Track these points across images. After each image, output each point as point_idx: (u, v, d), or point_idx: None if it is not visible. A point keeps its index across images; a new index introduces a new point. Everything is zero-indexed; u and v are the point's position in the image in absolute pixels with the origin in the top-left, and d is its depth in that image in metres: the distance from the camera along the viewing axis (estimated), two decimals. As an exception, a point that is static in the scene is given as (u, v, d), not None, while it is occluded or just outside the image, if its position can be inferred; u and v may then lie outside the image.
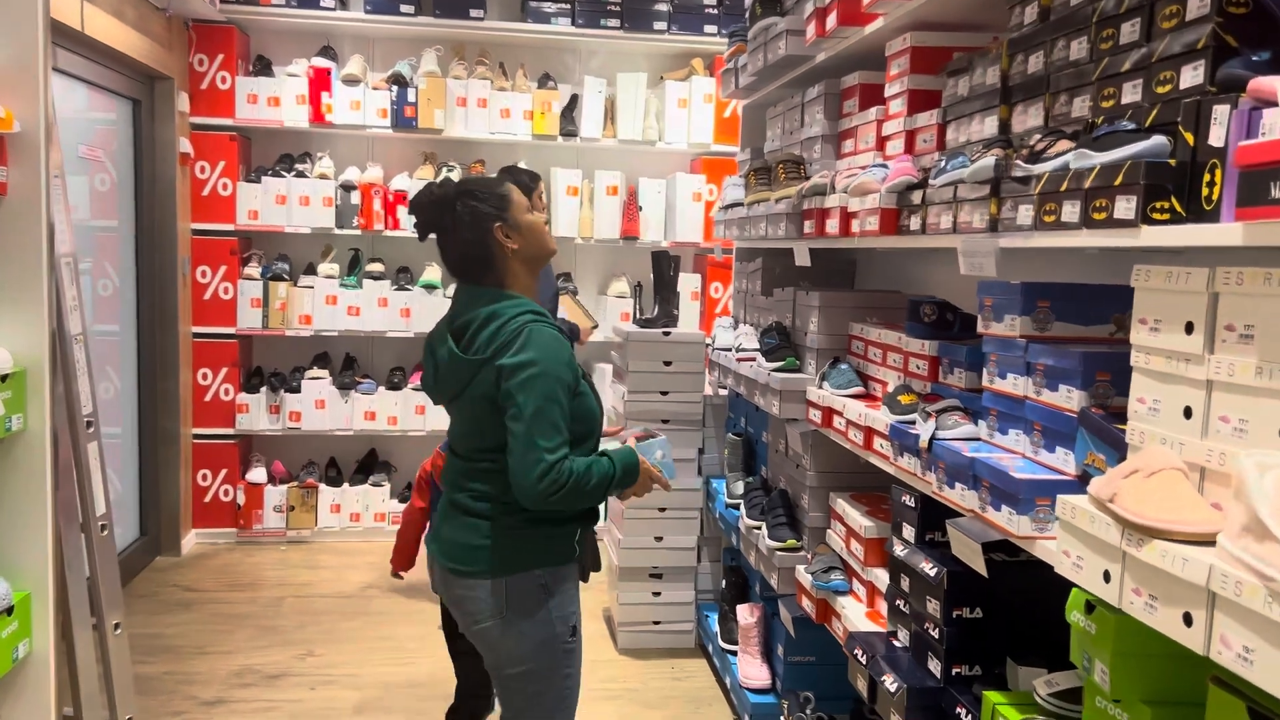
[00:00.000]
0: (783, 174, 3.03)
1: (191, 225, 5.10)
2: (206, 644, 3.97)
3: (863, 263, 3.55)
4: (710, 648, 3.81)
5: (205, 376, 5.20)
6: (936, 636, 2.11)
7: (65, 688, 2.56)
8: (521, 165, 4.90)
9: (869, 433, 2.46)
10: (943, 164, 2.13)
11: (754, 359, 3.36)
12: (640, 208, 5.44)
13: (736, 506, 3.51)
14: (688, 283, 5.35)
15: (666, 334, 3.91)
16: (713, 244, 5.35)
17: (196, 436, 5.20)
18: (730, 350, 3.64)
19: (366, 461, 5.54)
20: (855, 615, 2.56)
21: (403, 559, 3.25)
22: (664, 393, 3.91)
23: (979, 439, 2.05)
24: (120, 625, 2.75)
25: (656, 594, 3.99)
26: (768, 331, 3.18)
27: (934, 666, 2.13)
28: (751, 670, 3.32)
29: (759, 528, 3.18)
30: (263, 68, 5.25)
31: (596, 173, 5.42)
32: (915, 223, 2.24)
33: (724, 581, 3.78)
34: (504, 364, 1.97)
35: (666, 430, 3.90)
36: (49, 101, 2.36)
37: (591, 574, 2.25)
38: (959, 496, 1.94)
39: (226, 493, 5.26)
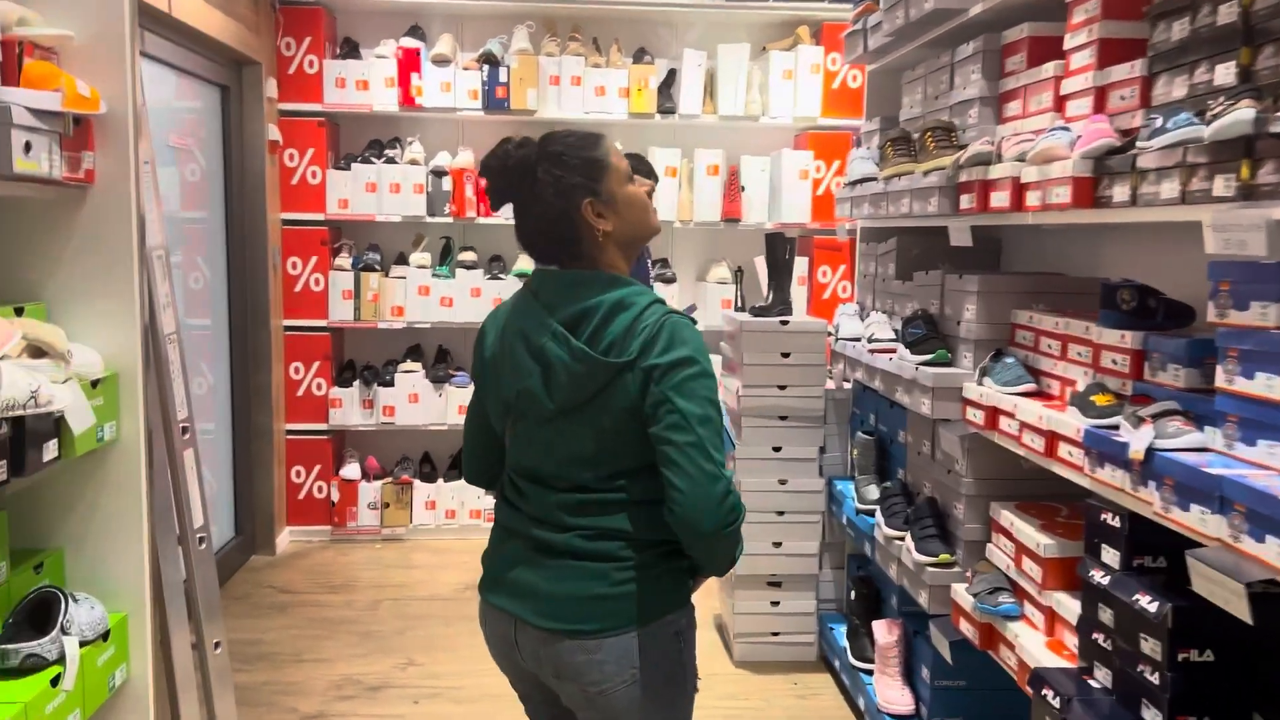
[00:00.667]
0: (931, 143, 2.70)
1: (281, 215, 4.95)
2: (304, 651, 3.82)
3: (1010, 242, 3.19)
4: (837, 664, 3.51)
5: (297, 370, 5.07)
6: (1156, 682, 1.78)
7: (164, 711, 2.38)
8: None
9: (1052, 438, 2.14)
10: (1158, 122, 1.79)
11: (892, 351, 3.05)
12: (743, 187, 5.13)
13: (870, 513, 3.20)
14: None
15: (784, 323, 3.61)
16: (831, 223, 5.03)
17: (289, 432, 5.07)
18: (859, 341, 3.33)
19: (461, 456, 5.36)
20: (1032, 645, 2.24)
21: None
22: (782, 387, 3.62)
23: (1212, 450, 1.72)
24: (221, 643, 2.57)
25: (775, 603, 3.71)
26: (911, 320, 2.86)
27: (1151, 716, 1.80)
28: (892, 694, 3.01)
29: (901, 538, 2.87)
30: (350, 50, 5.07)
31: (696, 151, 5.13)
32: (1121, 193, 1.90)
33: (851, 592, 3.47)
34: (655, 363, 1.59)
35: (784, 427, 3.61)
36: (138, 82, 2.16)
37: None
38: (1197, 521, 1.61)
39: (320, 489, 5.13)
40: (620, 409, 1.63)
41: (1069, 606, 2.17)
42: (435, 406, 5.09)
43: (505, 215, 4.85)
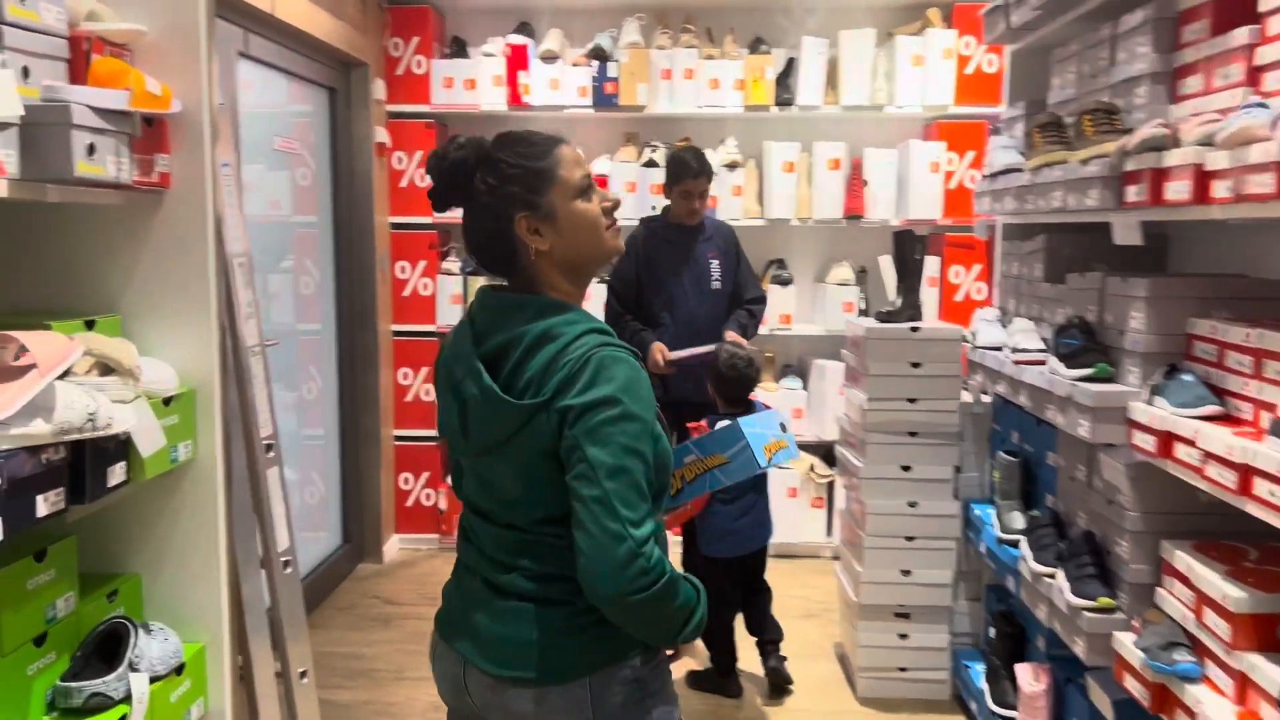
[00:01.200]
0: (1090, 127, 2.36)
1: (390, 219, 4.88)
2: (405, 668, 3.70)
3: (1181, 240, 2.80)
4: (975, 706, 3.18)
5: (406, 376, 4.99)
6: (1397, 786, 1.44)
7: (247, 745, 2.26)
8: (682, 144, 4.38)
9: (1247, 472, 1.79)
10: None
11: (1041, 362, 2.70)
12: (866, 182, 4.80)
13: (1014, 544, 2.86)
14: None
15: (915, 329, 3.30)
16: (965, 219, 4.66)
17: (397, 438, 4.99)
18: (1001, 350, 2.99)
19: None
20: (1219, 715, 1.89)
21: None
22: (912, 400, 3.30)
23: None
24: (307, 672, 2.43)
25: (903, 636, 3.39)
26: (1065, 329, 2.52)
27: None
28: (1040, 749, 2.67)
29: (1053, 576, 2.53)
30: (458, 49, 4.96)
31: (815, 145, 4.82)
32: (1346, 180, 1.55)
33: (991, 629, 3.13)
34: (570, 404, 1.41)
35: (914, 444, 3.29)
36: (213, 78, 2.03)
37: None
38: None
39: (428, 497, 5.04)
40: (538, 453, 1.47)
41: (1267, 673, 1.81)
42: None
43: (623, 216, 4.66)
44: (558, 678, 1.49)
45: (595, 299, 4.27)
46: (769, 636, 3.46)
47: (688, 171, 3.67)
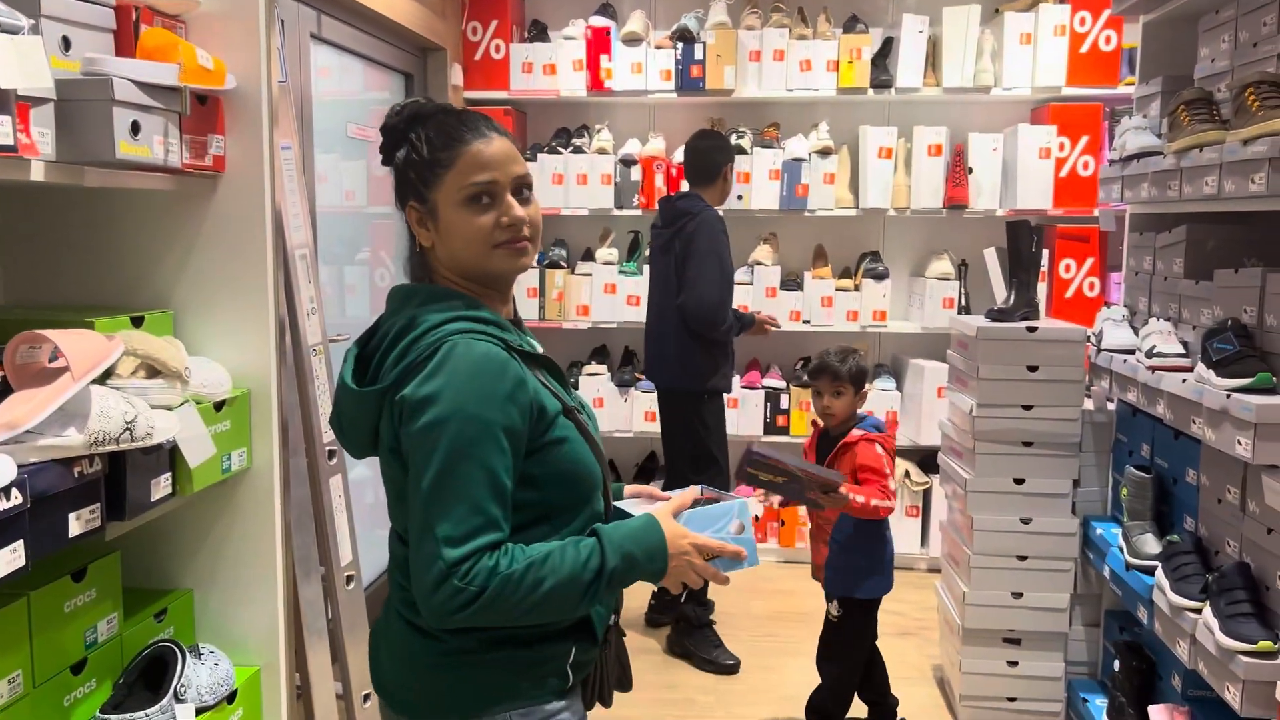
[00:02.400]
0: (1255, 102, 2.05)
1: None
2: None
3: (1346, 230, 2.46)
4: (1094, 746, 2.88)
5: (480, 371, 4.83)
6: None
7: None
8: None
9: None
10: None
11: (1184, 369, 2.40)
12: (969, 169, 4.48)
13: (1148, 570, 2.56)
14: (1031, 260, 4.34)
15: (1031, 329, 3.00)
16: (1076, 209, 4.33)
17: (472, 436, 4.84)
18: (1133, 354, 2.69)
19: (647, 466, 4.98)
20: None
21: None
22: (1027, 407, 3.00)
23: None
24: (370, 695, 2.27)
25: (1013, 663, 3.10)
26: (1217, 332, 2.21)
27: None
28: (1178, 804, 2.38)
29: (1198, 611, 2.23)
30: (538, 33, 4.77)
31: (915, 129, 4.51)
32: None
33: (1116, 662, 2.83)
34: (403, 397, 1.27)
35: (1029, 454, 3.00)
36: (273, 53, 1.86)
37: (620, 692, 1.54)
38: None
39: (502, 497, 4.88)
40: (388, 450, 1.34)
41: None
42: (620, 412, 4.73)
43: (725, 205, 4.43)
44: (422, 714, 1.38)
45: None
46: (891, 701, 3.11)
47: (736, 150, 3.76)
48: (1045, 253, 4.38)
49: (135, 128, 1.55)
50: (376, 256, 4.22)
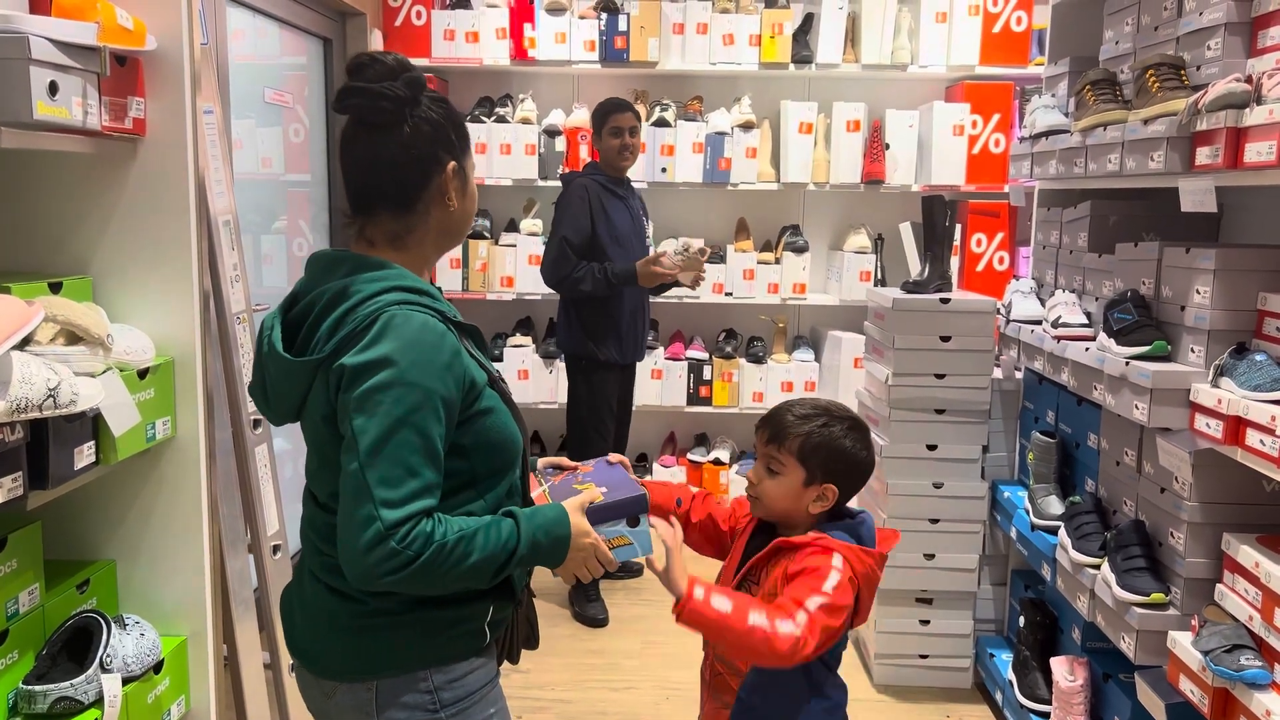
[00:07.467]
0: (1155, 83, 2.16)
1: (387, 178, 4.65)
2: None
3: (1234, 208, 2.61)
4: (1000, 698, 3.03)
5: (402, 343, 4.79)
6: None
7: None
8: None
9: (1338, 466, 1.62)
10: None
11: (1087, 338, 2.53)
12: (887, 145, 4.59)
13: (1050, 530, 2.70)
14: (944, 235, 4.47)
15: (945, 301, 3.11)
16: (988, 185, 4.47)
17: (394, 407, 4.80)
18: (1040, 324, 2.81)
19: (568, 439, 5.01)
20: (1293, 728, 1.74)
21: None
22: (940, 375, 3.12)
23: None
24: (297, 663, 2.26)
25: (925, 622, 3.24)
26: (1117, 303, 2.33)
27: None
28: (1076, 748, 2.53)
29: (1097, 567, 2.37)
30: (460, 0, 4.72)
31: (834, 105, 4.60)
32: None
33: (1020, 618, 2.97)
34: (344, 364, 1.29)
35: (941, 422, 3.12)
36: (194, 14, 1.82)
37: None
38: None
39: (425, 468, 4.86)
40: (320, 418, 1.35)
41: (1353, 686, 1.65)
42: (546, 383, 4.75)
43: (636, 177, 4.44)
44: (342, 674, 1.41)
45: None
46: None
47: (614, 105, 3.72)
48: (958, 227, 4.52)
49: (53, 88, 1.51)
50: (294, 225, 4.15)
